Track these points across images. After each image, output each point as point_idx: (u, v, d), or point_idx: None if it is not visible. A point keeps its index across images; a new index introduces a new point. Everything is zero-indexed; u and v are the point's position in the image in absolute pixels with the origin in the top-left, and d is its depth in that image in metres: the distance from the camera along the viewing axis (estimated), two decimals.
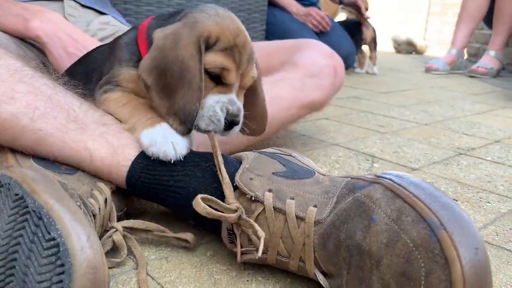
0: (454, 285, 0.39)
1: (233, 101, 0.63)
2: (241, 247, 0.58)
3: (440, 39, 5.26)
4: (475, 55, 3.62)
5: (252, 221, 0.54)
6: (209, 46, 0.61)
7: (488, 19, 3.00)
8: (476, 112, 1.77)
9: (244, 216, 0.54)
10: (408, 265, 0.43)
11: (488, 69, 2.87)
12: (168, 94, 0.61)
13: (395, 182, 0.48)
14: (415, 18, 5.78)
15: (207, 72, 0.62)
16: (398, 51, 4.96)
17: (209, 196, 0.55)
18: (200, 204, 0.53)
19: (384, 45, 5.41)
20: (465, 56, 3.60)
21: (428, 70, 3.06)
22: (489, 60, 2.91)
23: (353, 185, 0.52)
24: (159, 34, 0.62)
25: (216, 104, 0.62)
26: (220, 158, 0.59)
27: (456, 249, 0.40)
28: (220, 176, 0.58)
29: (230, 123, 0.63)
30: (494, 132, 1.45)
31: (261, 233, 0.53)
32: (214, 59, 0.61)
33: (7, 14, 0.94)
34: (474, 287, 0.39)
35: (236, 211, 0.54)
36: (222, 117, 0.62)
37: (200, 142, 0.76)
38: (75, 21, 1.11)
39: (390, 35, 5.10)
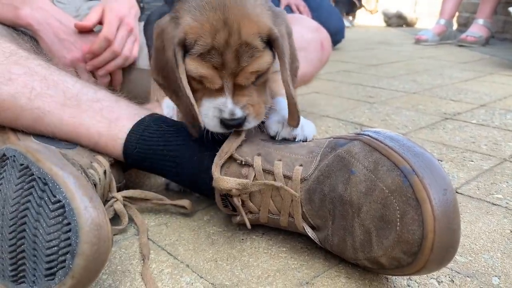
0: (425, 223, 0.44)
1: (224, 105, 0.57)
2: (234, 210, 0.62)
3: (430, 11, 5.25)
4: (465, 25, 3.63)
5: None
6: (187, 49, 0.56)
7: None
8: (464, 79, 1.80)
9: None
10: (385, 209, 0.46)
11: (477, 37, 2.89)
12: (174, 94, 0.61)
13: (372, 137, 0.52)
14: None
15: (192, 77, 0.58)
16: (388, 24, 4.95)
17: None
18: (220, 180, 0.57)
19: (375, 19, 5.40)
20: (455, 26, 3.61)
21: (417, 41, 3.08)
22: (477, 29, 2.93)
23: (335, 144, 0.56)
24: (155, 30, 0.60)
25: (207, 110, 0.59)
26: None
27: (427, 190, 0.44)
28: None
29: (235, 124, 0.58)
30: (481, 97, 1.49)
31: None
32: (189, 67, 0.56)
33: None
34: (443, 223, 0.43)
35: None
36: (216, 122, 0.58)
37: None
38: (64, 7, 1.13)
39: (380, 9, 5.09)
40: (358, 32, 4.07)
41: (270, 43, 0.57)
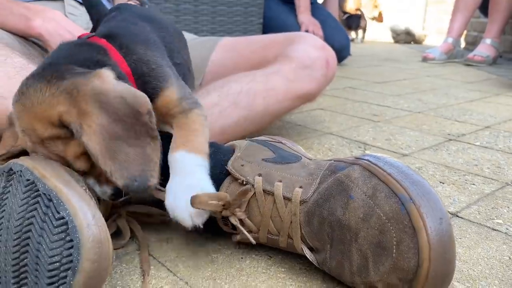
0: (421, 251, 0.44)
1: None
2: (234, 228, 0.63)
3: (439, 28, 5.28)
4: (473, 43, 3.64)
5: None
6: None
7: (484, 7, 3.03)
8: (469, 100, 1.81)
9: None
10: (382, 236, 0.47)
11: (484, 57, 2.90)
12: None
13: (371, 163, 0.53)
14: (413, 7, 5.79)
15: None
16: (396, 41, 4.98)
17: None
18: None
19: (383, 35, 5.43)
20: (463, 45, 3.63)
21: (425, 59, 3.10)
22: (485, 48, 2.94)
23: (334, 167, 0.57)
24: None
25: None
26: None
27: (423, 219, 0.45)
28: None
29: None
30: (485, 119, 1.49)
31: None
32: None
33: (9, 14, 0.99)
34: (438, 253, 0.44)
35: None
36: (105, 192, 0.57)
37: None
38: (76, 19, 1.15)
39: (389, 25, 5.12)
40: (365, 48, 4.09)
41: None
